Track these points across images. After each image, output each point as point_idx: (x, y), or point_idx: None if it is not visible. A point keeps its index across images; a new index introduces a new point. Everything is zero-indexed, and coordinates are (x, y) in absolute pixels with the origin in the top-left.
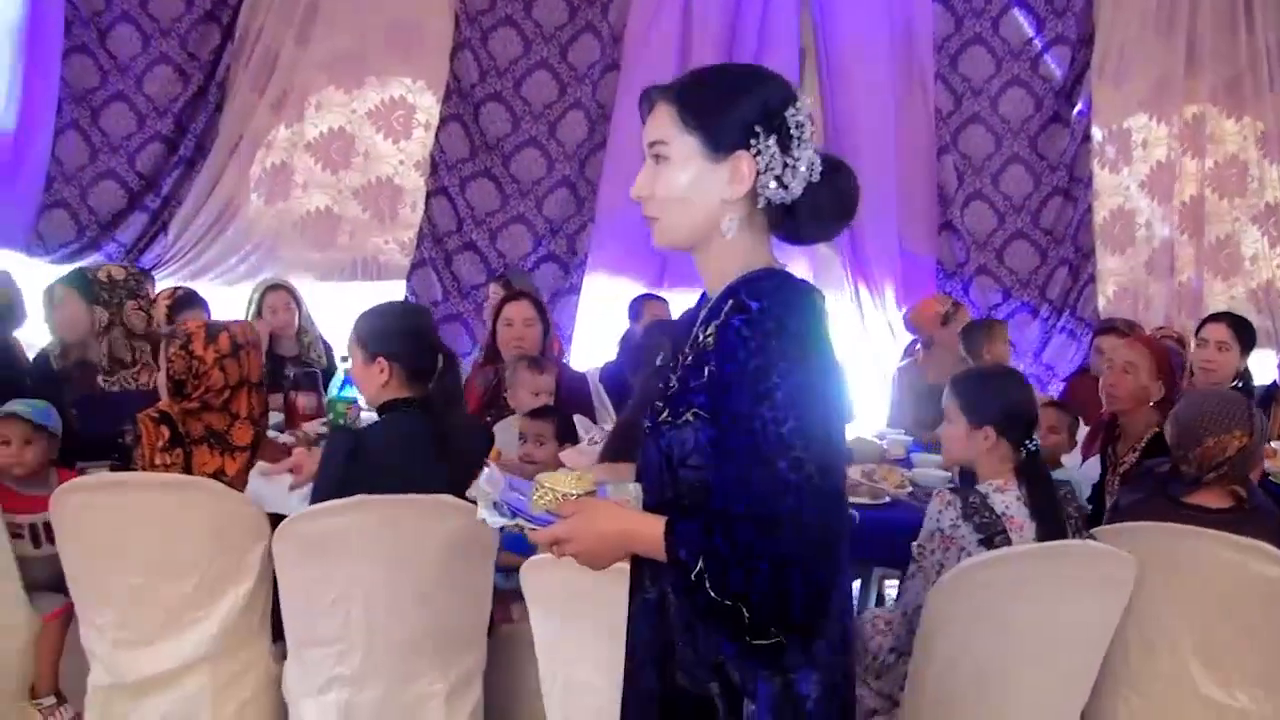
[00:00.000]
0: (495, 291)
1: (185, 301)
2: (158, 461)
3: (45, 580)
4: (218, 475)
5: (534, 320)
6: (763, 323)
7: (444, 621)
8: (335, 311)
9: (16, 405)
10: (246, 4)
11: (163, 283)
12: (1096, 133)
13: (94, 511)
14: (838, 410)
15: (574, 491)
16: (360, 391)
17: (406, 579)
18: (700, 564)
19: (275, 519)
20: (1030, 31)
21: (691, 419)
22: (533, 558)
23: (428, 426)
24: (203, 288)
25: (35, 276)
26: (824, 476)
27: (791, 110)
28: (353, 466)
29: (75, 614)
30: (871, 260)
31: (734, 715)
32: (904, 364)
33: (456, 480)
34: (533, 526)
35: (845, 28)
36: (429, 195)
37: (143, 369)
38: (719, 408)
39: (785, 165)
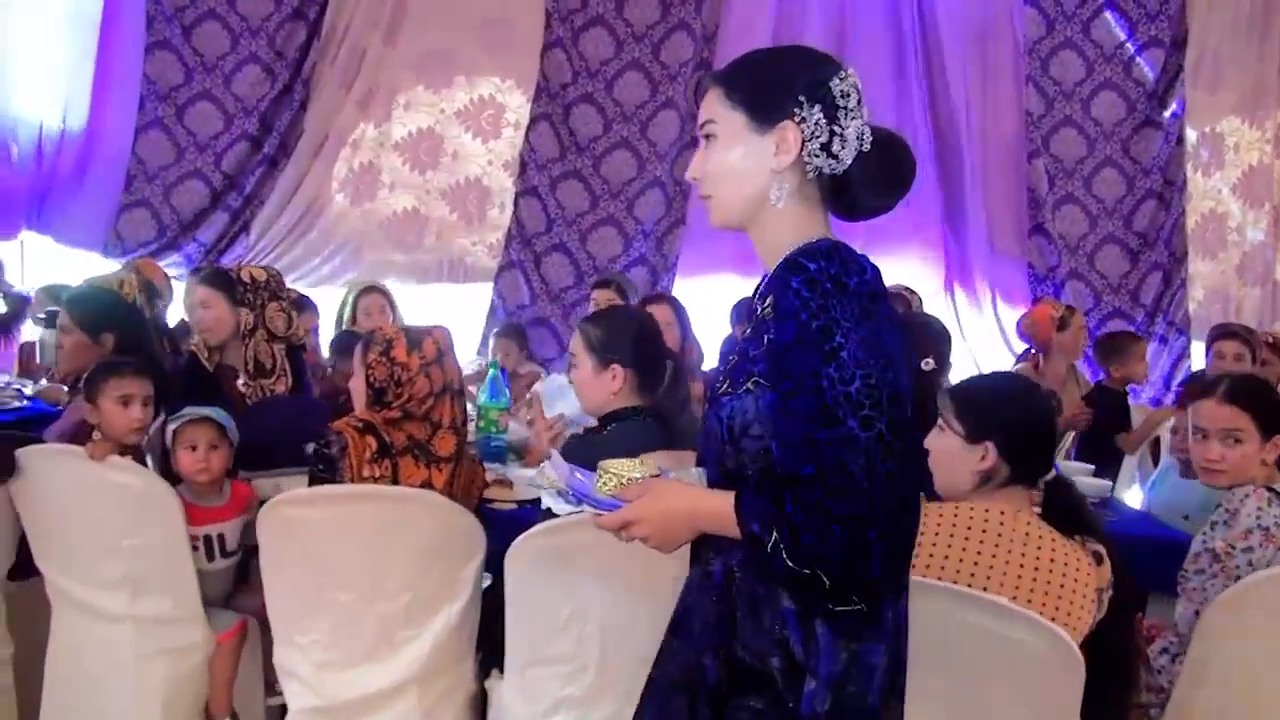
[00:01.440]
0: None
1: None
2: (366, 473)
3: (217, 596)
4: (425, 487)
5: (672, 323)
6: (821, 281)
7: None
8: (420, 315)
9: (204, 409)
10: (334, 2)
11: None
12: (1190, 135)
13: (305, 526)
14: (904, 370)
15: (637, 474)
16: (583, 399)
17: (644, 594)
18: (774, 535)
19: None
20: (1122, 35)
21: (752, 387)
22: None
23: (660, 435)
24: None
25: None
26: (895, 433)
27: (836, 80)
28: None
29: (248, 632)
30: (969, 264)
31: (792, 691)
32: (1019, 368)
33: None
34: (599, 511)
35: (940, 29)
36: (518, 196)
37: (280, 378)
38: (781, 371)
39: (832, 134)
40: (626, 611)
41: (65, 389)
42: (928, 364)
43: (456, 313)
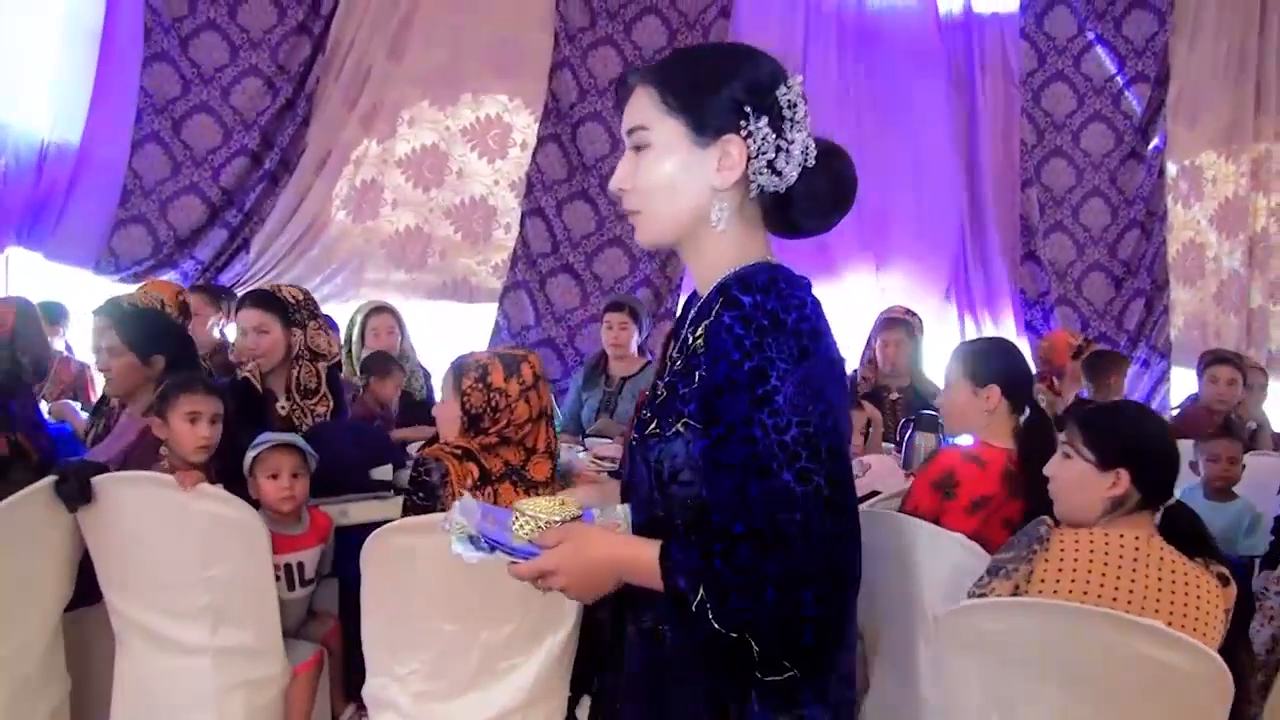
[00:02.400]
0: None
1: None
2: None
3: (292, 626)
4: None
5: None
6: (757, 318)
7: None
8: (423, 336)
9: (285, 435)
10: (339, 15)
11: None
12: (1170, 169)
13: (413, 555)
14: (842, 415)
15: (557, 517)
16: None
17: None
18: (700, 592)
19: None
20: (1112, 69)
21: (682, 429)
22: None
23: None
24: None
25: (101, 296)
26: (833, 487)
27: (783, 89)
28: None
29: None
30: (967, 285)
31: None
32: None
33: None
34: (514, 560)
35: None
36: (524, 216)
37: (322, 399)
38: (712, 415)
39: (778, 149)
40: None
41: (78, 406)
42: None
43: (460, 333)
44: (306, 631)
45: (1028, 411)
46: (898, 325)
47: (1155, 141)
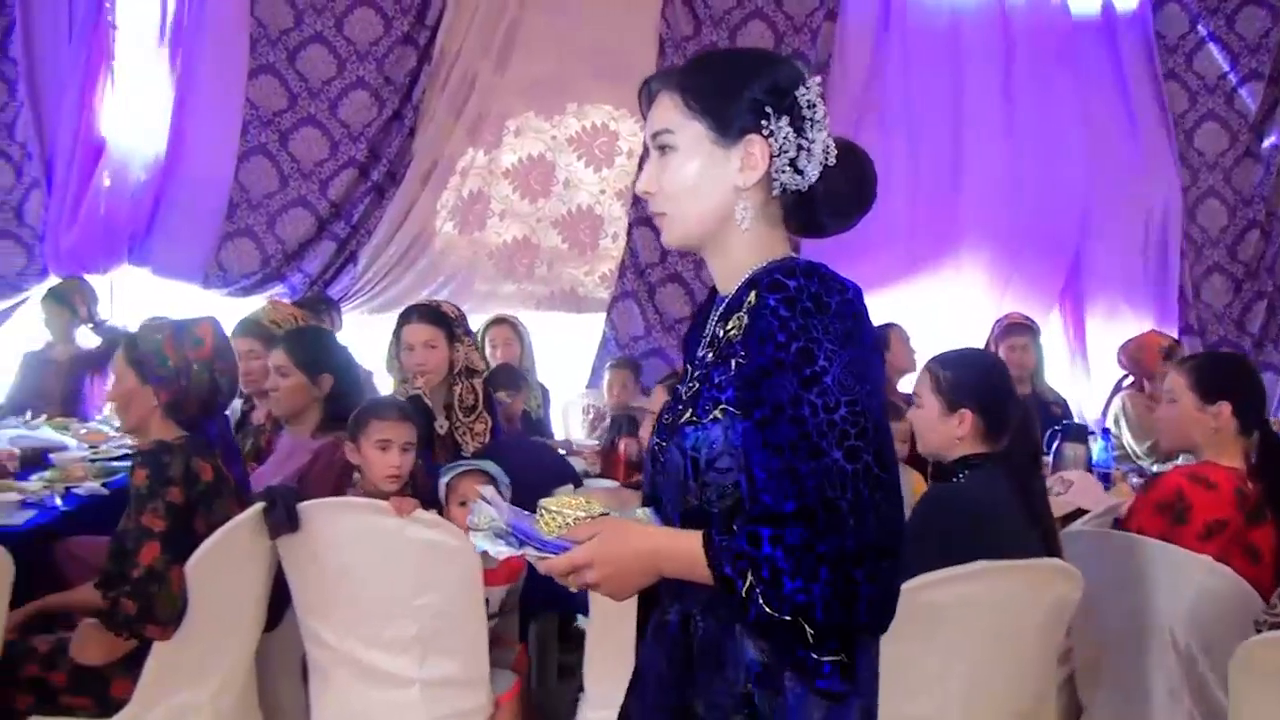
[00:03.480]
0: None
1: None
2: None
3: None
4: None
5: None
6: (800, 300)
7: (1031, 687)
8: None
9: (479, 462)
10: (445, 26)
11: (349, 316)
12: None
13: None
14: (884, 398)
15: (584, 514)
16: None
17: (1008, 650)
18: (750, 578)
19: None
20: (1225, 66)
21: (720, 415)
22: None
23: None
24: (390, 321)
25: (211, 311)
26: (881, 466)
27: (802, 90)
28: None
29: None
30: (1090, 292)
31: None
32: (1127, 395)
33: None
34: (543, 555)
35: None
36: (631, 225)
37: (479, 416)
38: (756, 398)
39: (800, 148)
40: (990, 668)
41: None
42: None
43: (567, 344)
44: (500, 659)
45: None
46: (1023, 330)
47: (1271, 139)
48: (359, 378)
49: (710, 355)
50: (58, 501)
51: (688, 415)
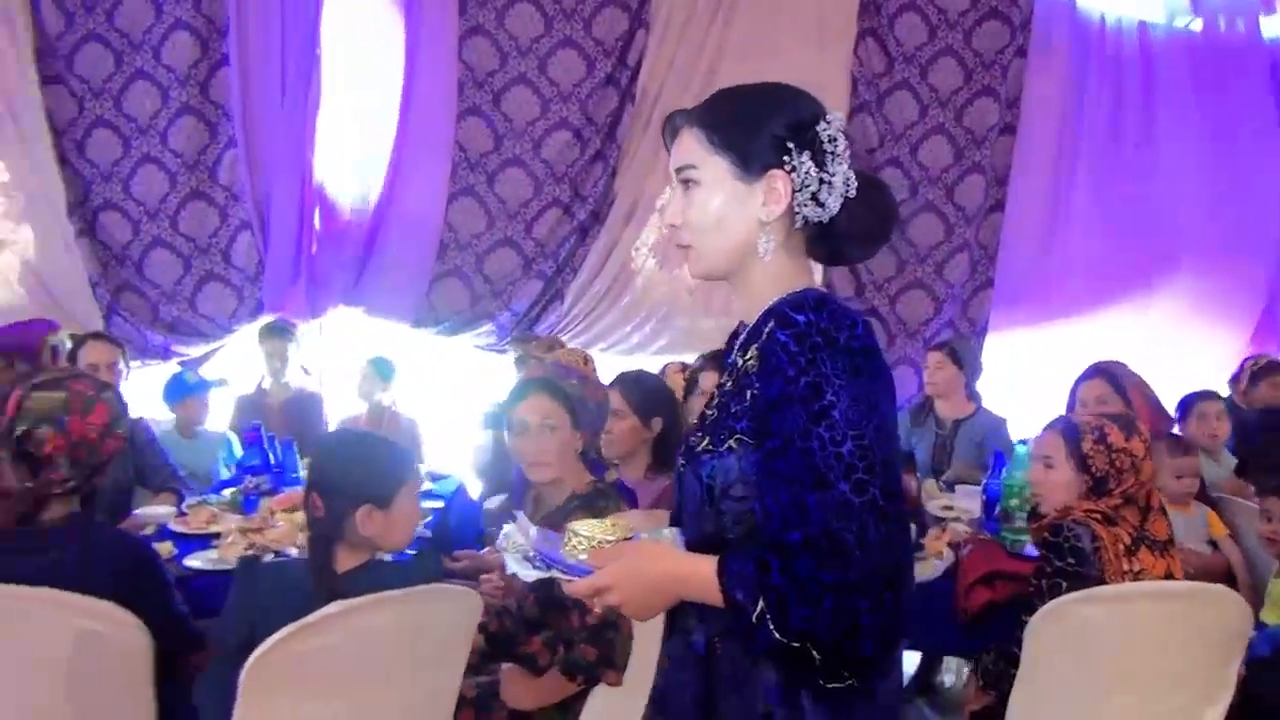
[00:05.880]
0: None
1: None
2: (1125, 568)
3: None
4: (1167, 578)
5: None
6: (810, 336)
7: None
8: None
9: None
10: (646, 67)
11: None
12: None
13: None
14: (893, 431)
15: (610, 537)
16: None
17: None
18: (760, 604)
19: None
20: None
21: (735, 445)
22: None
23: None
24: (597, 357)
25: (419, 349)
26: (887, 498)
27: (823, 125)
28: None
29: None
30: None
31: None
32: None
33: None
34: (569, 578)
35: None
36: None
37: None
38: (766, 430)
39: (821, 182)
40: None
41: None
42: None
43: None
44: None
45: None
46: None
47: None
48: (682, 424)
49: (729, 384)
50: None
51: (705, 443)
